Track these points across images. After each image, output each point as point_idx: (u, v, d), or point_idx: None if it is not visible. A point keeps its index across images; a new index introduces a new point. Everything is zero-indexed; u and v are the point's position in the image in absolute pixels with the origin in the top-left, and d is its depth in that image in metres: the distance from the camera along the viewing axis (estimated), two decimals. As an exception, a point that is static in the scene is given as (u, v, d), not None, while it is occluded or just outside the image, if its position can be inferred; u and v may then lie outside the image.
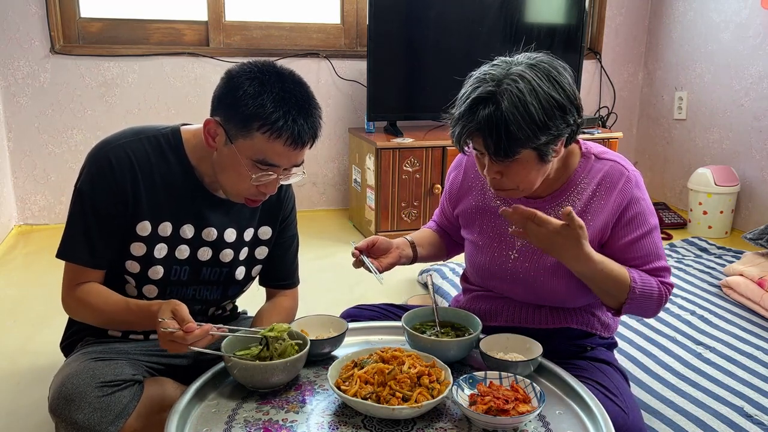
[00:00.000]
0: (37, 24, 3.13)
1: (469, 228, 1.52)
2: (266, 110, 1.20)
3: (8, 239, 3.15)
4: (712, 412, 1.66)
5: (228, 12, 3.43)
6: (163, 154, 1.34)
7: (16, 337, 2.18)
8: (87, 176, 1.31)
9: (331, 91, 3.61)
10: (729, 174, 3.37)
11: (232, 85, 1.23)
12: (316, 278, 1.57)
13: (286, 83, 1.24)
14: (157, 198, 1.33)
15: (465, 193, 1.53)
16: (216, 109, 1.27)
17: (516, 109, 1.20)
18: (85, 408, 1.19)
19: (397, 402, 1.12)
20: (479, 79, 1.27)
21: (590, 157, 1.40)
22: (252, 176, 1.25)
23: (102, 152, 1.31)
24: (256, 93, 1.20)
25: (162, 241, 1.35)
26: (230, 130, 1.24)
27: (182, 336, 1.16)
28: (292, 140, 1.22)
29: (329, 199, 3.80)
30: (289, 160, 1.26)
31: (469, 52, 3.38)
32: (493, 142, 1.22)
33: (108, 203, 1.30)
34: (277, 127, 1.20)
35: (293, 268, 1.58)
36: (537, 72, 1.24)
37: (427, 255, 1.58)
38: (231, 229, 1.41)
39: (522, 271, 1.42)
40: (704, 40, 3.64)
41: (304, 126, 1.23)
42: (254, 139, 1.22)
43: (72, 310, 1.38)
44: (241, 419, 1.15)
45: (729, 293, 2.44)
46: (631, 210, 1.35)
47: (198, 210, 1.37)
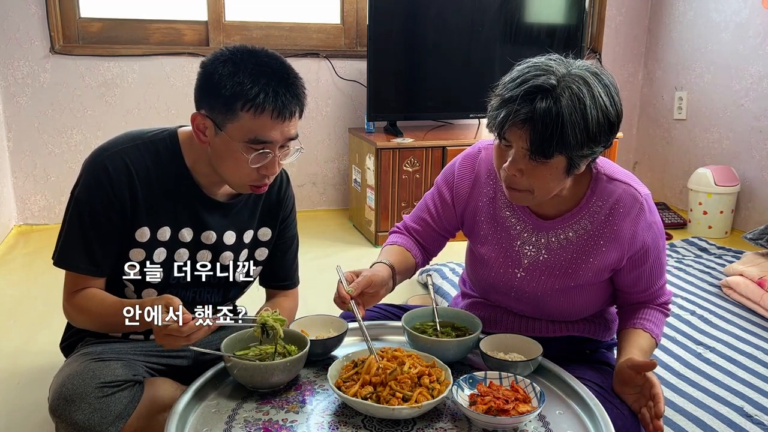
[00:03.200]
0: (37, 24, 3.13)
1: (474, 238, 1.47)
2: (245, 87, 1.19)
3: (8, 239, 3.15)
4: (712, 412, 1.66)
5: (228, 12, 3.43)
6: (161, 160, 1.33)
7: (16, 337, 2.18)
8: (84, 184, 1.31)
9: (331, 91, 3.61)
10: (729, 174, 3.37)
11: (208, 73, 1.23)
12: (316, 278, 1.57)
13: (260, 57, 1.24)
14: (155, 204, 1.33)
15: (475, 200, 1.44)
16: (199, 102, 1.27)
17: (575, 110, 1.14)
18: (86, 408, 1.19)
19: (397, 402, 1.11)
20: (538, 67, 1.19)
21: (601, 179, 1.35)
22: (249, 158, 1.24)
23: (98, 160, 1.31)
24: (231, 73, 1.20)
25: (161, 245, 1.35)
26: (217, 118, 1.23)
27: (177, 328, 1.14)
28: (278, 111, 1.21)
29: (329, 199, 3.80)
30: (281, 134, 1.25)
31: (469, 52, 3.38)
32: (540, 138, 1.15)
33: (105, 211, 1.29)
34: (260, 101, 1.20)
35: (293, 268, 1.57)
36: (598, 80, 1.18)
37: (398, 283, 1.45)
38: (230, 231, 1.41)
39: (528, 290, 1.40)
40: (704, 40, 3.64)
41: (286, 95, 1.22)
42: (241, 120, 1.21)
43: (72, 317, 1.38)
44: (241, 419, 1.15)
45: (729, 293, 2.44)
46: (646, 241, 1.34)
47: (196, 213, 1.36)
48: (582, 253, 1.35)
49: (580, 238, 1.35)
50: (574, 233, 1.35)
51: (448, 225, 1.50)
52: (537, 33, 3.49)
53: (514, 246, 1.39)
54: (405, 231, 1.53)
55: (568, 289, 1.37)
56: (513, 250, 1.40)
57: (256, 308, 1.54)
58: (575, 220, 1.35)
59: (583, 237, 1.35)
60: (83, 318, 1.35)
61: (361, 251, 3.13)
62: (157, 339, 1.18)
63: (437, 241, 1.53)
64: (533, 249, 1.38)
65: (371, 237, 3.24)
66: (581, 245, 1.35)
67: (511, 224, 1.40)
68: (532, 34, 3.48)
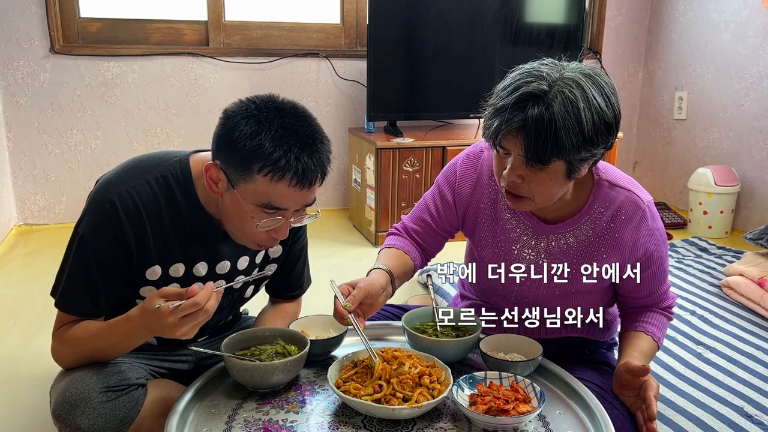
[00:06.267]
0: (37, 24, 3.13)
1: (473, 239, 1.46)
2: (265, 150, 1.11)
3: (8, 239, 3.15)
4: (712, 412, 1.66)
5: (228, 12, 3.43)
6: (173, 196, 1.24)
7: (16, 337, 2.17)
8: (89, 223, 1.22)
9: (331, 91, 3.61)
10: (729, 174, 3.37)
11: (229, 126, 1.15)
12: (316, 278, 1.57)
13: (287, 118, 1.15)
14: (167, 242, 1.26)
15: (476, 200, 1.43)
16: (216, 152, 1.19)
17: (568, 114, 1.13)
18: (90, 413, 1.17)
19: (398, 402, 1.11)
20: (530, 73, 1.17)
21: (604, 185, 1.34)
22: (258, 223, 1.17)
23: (106, 198, 1.21)
24: (253, 132, 1.12)
25: (175, 281, 1.29)
26: (231, 175, 1.15)
27: (193, 302, 1.07)
28: (297, 180, 1.13)
29: (329, 199, 3.80)
30: (296, 202, 1.18)
31: (469, 52, 3.38)
32: (534, 145, 1.14)
33: (111, 252, 1.21)
34: (279, 166, 1.11)
35: (303, 278, 1.53)
36: (592, 82, 1.17)
37: (398, 287, 1.43)
38: (244, 257, 1.36)
39: (528, 294, 1.40)
40: (704, 40, 3.64)
41: (309, 163, 1.14)
42: (256, 183, 1.13)
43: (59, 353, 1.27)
44: (241, 419, 1.15)
45: (729, 293, 2.44)
46: (648, 248, 1.34)
47: (210, 247, 1.30)
48: (582, 260, 1.34)
49: (580, 244, 1.35)
50: (574, 239, 1.35)
51: (448, 225, 1.49)
52: (537, 33, 3.49)
53: (513, 249, 1.39)
54: (404, 232, 1.52)
55: (568, 294, 1.37)
56: (512, 254, 1.39)
57: (258, 308, 1.54)
58: (576, 225, 1.35)
59: (584, 243, 1.34)
60: (71, 349, 1.25)
61: (361, 251, 3.13)
62: (172, 332, 1.10)
63: (437, 242, 1.52)
64: (532, 253, 1.38)
65: (371, 237, 3.24)
66: (582, 251, 1.35)
67: (511, 227, 1.39)
68: (532, 34, 3.47)
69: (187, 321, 1.09)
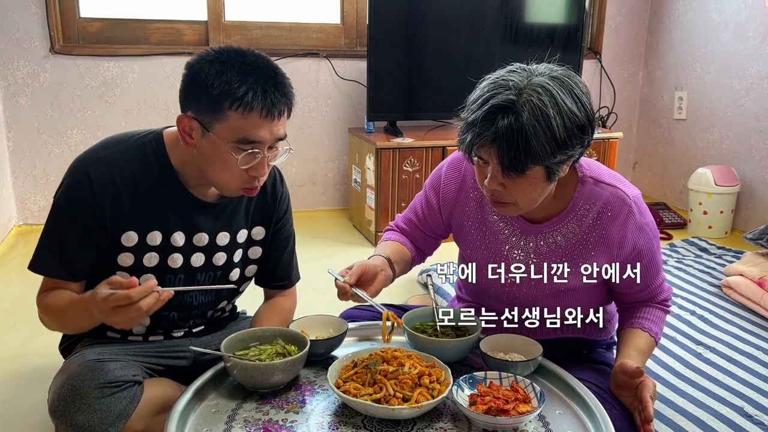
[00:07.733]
0: (37, 24, 3.13)
1: (462, 243, 1.47)
2: (232, 86, 1.18)
3: (8, 239, 3.15)
4: (712, 412, 1.66)
5: (228, 12, 3.43)
6: (147, 164, 1.30)
7: (16, 337, 2.17)
8: (64, 190, 1.29)
9: (331, 91, 3.61)
10: (729, 174, 3.37)
11: (194, 73, 1.22)
12: (316, 278, 1.57)
13: (247, 57, 1.22)
14: (142, 208, 1.30)
15: (462, 204, 1.44)
16: (185, 103, 1.25)
17: (537, 122, 1.13)
18: (86, 409, 1.19)
19: (398, 402, 1.11)
20: (498, 84, 1.18)
21: (588, 181, 1.34)
22: (238, 159, 1.22)
23: (81, 166, 1.29)
24: (218, 72, 1.19)
25: (152, 250, 1.33)
26: (204, 119, 1.22)
27: (125, 295, 1.09)
28: (267, 110, 1.20)
29: (329, 199, 3.80)
30: (270, 133, 1.23)
31: (469, 52, 3.38)
32: (507, 156, 1.15)
33: (83, 217, 1.27)
34: (248, 99, 1.18)
35: (291, 268, 1.56)
36: (560, 85, 1.16)
37: (399, 274, 1.47)
38: (224, 232, 1.39)
39: (519, 295, 1.40)
40: (704, 40, 3.64)
41: (274, 93, 1.21)
42: (229, 119, 1.20)
43: (41, 318, 1.34)
44: (241, 419, 1.15)
45: (729, 293, 2.44)
46: (637, 243, 1.33)
47: (187, 216, 1.35)
48: (572, 258, 1.34)
49: (569, 242, 1.35)
50: (562, 237, 1.35)
51: (435, 228, 1.52)
52: (537, 33, 3.49)
53: (503, 251, 1.39)
54: (397, 230, 1.57)
55: (560, 293, 1.37)
56: (501, 255, 1.39)
57: (255, 308, 1.54)
58: (563, 224, 1.35)
59: (572, 241, 1.35)
60: (47, 318, 1.32)
61: (361, 251, 3.13)
62: (107, 318, 1.14)
63: (427, 242, 1.56)
64: (522, 253, 1.38)
65: (371, 237, 3.24)
66: (570, 249, 1.35)
67: (499, 228, 1.40)
68: (532, 34, 3.47)
69: (119, 312, 1.12)
